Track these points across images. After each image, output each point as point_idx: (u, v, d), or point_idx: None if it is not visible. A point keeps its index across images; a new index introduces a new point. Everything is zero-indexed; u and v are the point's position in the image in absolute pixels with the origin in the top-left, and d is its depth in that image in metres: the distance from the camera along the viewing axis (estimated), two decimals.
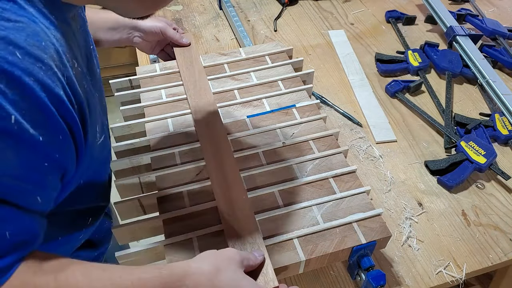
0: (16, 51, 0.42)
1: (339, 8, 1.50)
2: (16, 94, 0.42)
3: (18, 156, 0.44)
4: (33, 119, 0.44)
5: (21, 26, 0.44)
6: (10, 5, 0.44)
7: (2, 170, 0.43)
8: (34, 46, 0.44)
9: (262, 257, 0.61)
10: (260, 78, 0.94)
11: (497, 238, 0.86)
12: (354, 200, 0.72)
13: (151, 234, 0.72)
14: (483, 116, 1.11)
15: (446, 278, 0.79)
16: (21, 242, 0.47)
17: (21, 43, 0.43)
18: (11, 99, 0.41)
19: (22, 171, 0.45)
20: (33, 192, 0.47)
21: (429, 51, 1.25)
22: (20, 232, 0.47)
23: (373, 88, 1.17)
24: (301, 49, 1.31)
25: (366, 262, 0.68)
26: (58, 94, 0.47)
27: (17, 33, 0.43)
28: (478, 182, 0.96)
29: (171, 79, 0.93)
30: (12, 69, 0.41)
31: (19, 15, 0.44)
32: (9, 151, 0.43)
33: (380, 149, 1.02)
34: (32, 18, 0.46)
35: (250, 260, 0.59)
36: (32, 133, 0.44)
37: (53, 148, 0.47)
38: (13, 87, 0.41)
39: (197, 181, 0.74)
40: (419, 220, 0.88)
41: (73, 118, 0.50)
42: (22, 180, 0.45)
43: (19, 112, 0.42)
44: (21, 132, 0.42)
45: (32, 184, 0.47)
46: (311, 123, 0.85)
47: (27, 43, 0.44)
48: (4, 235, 0.45)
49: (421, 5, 1.50)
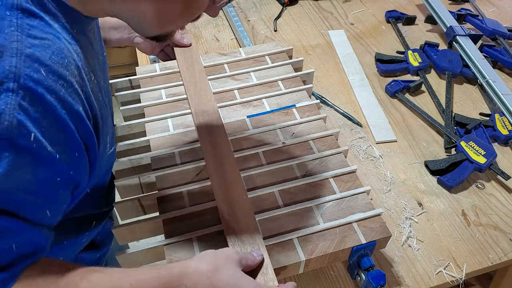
0: (41, 69, 0.43)
1: (339, 8, 1.50)
2: (38, 112, 0.43)
3: (34, 172, 0.44)
4: (53, 137, 0.44)
5: (46, 44, 0.45)
6: (37, 22, 0.45)
7: (16, 184, 0.43)
8: (58, 63, 0.45)
9: (261, 257, 0.61)
10: (260, 78, 0.94)
11: (497, 238, 0.86)
12: (354, 200, 0.72)
13: (151, 234, 0.71)
14: (483, 116, 1.11)
15: (446, 278, 0.79)
16: (27, 254, 0.47)
17: (46, 61, 0.44)
18: (32, 117, 0.42)
19: (35, 186, 0.45)
20: (43, 206, 0.48)
21: (429, 51, 1.25)
22: (26, 245, 0.47)
23: (373, 88, 1.17)
24: (301, 49, 1.31)
25: (366, 262, 0.68)
26: (78, 111, 0.48)
27: (43, 51, 0.44)
28: (478, 182, 0.96)
29: (171, 79, 0.93)
30: (36, 87, 0.42)
31: (45, 32, 0.45)
32: (26, 167, 0.43)
33: (380, 149, 1.02)
34: (57, 34, 0.47)
35: (249, 259, 0.59)
36: (50, 150, 0.44)
37: (68, 165, 0.48)
38: (36, 104, 0.42)
39: (197, 181, 0.74)
40: (419, 220, 0.88)
41: (90, 133, 0.51)
42: (34, 194, 0.46)
43: (39, 129, 0.43)
44: (39, 150, 0.43)
45: (43, 198, 0.47)
46: (311, 123, 0.85)
47: (51, 60, 0.44)
48: (11, 248, 0.45)
49: (421, 5, 1.50)
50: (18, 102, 0.41)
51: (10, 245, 0.45)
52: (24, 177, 0.43)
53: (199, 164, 0.77)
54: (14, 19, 0.43)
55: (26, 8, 0.44)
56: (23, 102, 0.41)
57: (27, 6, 0.44)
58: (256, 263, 0.60)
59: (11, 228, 0.45)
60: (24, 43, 0.43)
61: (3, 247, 0.45)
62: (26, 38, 0.43)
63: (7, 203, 0.44)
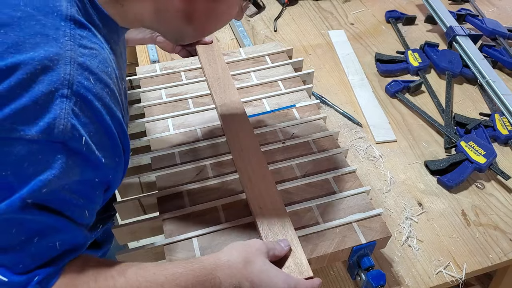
0: (90, 77, 0.46)
1: (339, 8, 1.50)
2: (87, 117, 0.45)
3: (82, 174, 0.47)
4: (99, 142, 0.47)
5: (94, 53, 0.48)
6: (86, 33, 0.48)
7: (64, 185, 0.45)
8: (104, 72, 0.48)
9: (288, 247, 0.62)
10: (260, 78, 0.94)
11: (497, 238, 0.86)
12: (354, 200, 0.72)
13: (151, 234, 0.72)
14: (483, 116, 1.11)
15: (446, 278, 0.79)
16: (68, 251, 0.49)
17: (94, 70, 0.47)
18: (82, 122, 0.45)
19: (79, 187, 0.48)
20: (83, 206, 0.50)
21: (429, 51, 1.25)
22: (68, 243, 0.49)
23: (373, 88, 1.17)
24: (301, 49, 1.31)
25: (366, 262, 0.68)
26: (119, 118, 0.50)
27: (92, 60, 0.47)
28: (478, 182, 0.96)
29: (171, 79, 0.93)
30: (87, 93, 0.45)
31: (93, 42, 0.48)
32: (75, 169, 0.46)
33: (380, 149, 1.02)
34: (101, 44, 0.50)
35: (276, 250, 0.61)
36: (97, 154, 0.47)
37: (109, 169, 0.50)
38: (85, 110, 0.45)
39: (197, 181, 0.75)
40: (419, 220, 0.88)
41: (127, 138, 0.54)
42: (77, 195, 0.48)
43: (88, 134, 0.45)
44: (88, 153, 0.46)
45: (84, 199, 0.49)
46: (311, 123, 0.85)
47: (99, 69, 0.47)
48: (55, 245, 0.48)
49: (421, 5, 1.50)
50: (71, 108, 0.44)
51: (55, 243, 0.47)
52: (71, 178, 0.46)
53: (199, 164, 0.77)
54: (68, 30, 0.46)
55: (77, 20, 0.47)
56: (75, 108, 0.44)
57: (78, 18, 0.47)
58: (284, 253, 0.62)
59: (57, 226, 0.47)
60: (76, 52, 0.45)
61: (48, 245, 0.47)
62: (77, 48, 0.46)
63: (55, 202, 0.46)
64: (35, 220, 0.45)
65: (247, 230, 0.68)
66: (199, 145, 0.80)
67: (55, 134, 0.43)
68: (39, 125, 0.42)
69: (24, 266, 0.46)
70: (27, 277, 0.46)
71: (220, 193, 0.73)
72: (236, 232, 0.68)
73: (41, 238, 0.46)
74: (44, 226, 0.46)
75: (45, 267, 0.47)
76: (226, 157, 0.78)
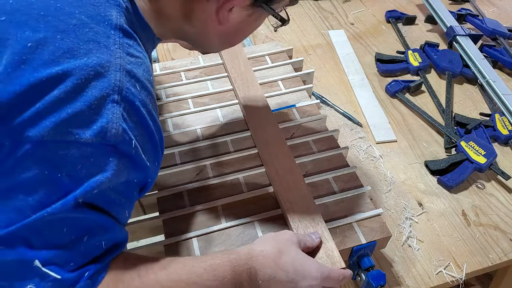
0: (137, 84, 0.48)
1: (339, 8, 1.50)
2: (133, 122, 0.47)
3: (128, 176, 0.49)
4: (143, 145, 0.49)
5: (139, 62, 0.50)
6: (132, 42, 0.50)
7: (111, 185, 0.47)
8: (147, 80, 0.50)
9: (319, 239, 0.64)
10: (260, 78, 0.94)
11: (497, 238, 0.86)
12: (354, 200, 0.72)
13: (151, 234, 0.72)
14: (483, 116, 1.11)
15: (446, 278, 0.79)
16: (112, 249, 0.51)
17: (140, 77, 0.49)
18: (130, 126, 0.47)
19: (124, 188, 0.50)
20: (125, 206, 0.52)
21: (429, 51, 1.25)
22: (113, 240, 0.51)
23: (373, 88, 1.17)
24: (301, 49, 1.31)
25: (366, 262, 0.68)
26: (159, 125, 0.53)
27: (138, 68, 0.49)
28: (478, 182, 0.96)
29: (171, 79, 0.93)
30: (134, 99, 0.47)
31: (138, 51, 0.51)
32: (124, 171, 0.48)
33: (380, 149, 1.02)
34: (144, 54, 0.52)
35: (307, 241, 0.62)
36: (143, 158, 0.49)
37: (150, 173, 0.52)
38: (132, 115, 0.47)
39: (197, 181, 0.75)
40: (419, 220, 0.88)
41: (163, 144, 0.55)
42: (122, 195, 0.50)
43: (135, 138, 0.47)
44: (136, 156, 0.48)
45: (126, 199, 0.51)
46: (311, 123, 0.85)
47: (143, 77, 0.50)
48: (101, 244, 0.49)
49: (421, 5, 1.50)
50: (121, 112, 0.46)
51: (101, 241, 0.49)
52: (119, 180, 0.48)
53: (199, 164, 0.77)
54: (117, 38, 0.48)
55: (125, 29, 0.49)
56: (124, 113, 0.46)
57: (125, 27, 0.49)
58: (315, 245, 0.63)
59: (105, 225, 0.49)
60: (124, 60, 0.47)
61: (95, 243, 0.49)
62: (126, 56, 0.48)
63: (103, 202, 0.48)
64: (86, 219, 0.47)
65: (248, 230, 0.68)
66: (199, 145, 0.80)
67: (108, 138, 0.44)
68: (93, 128, 0.44)
69: (75, 264, 0.47)
70: (78, 273, 0.47)
71: (220, 193, 0.73)
72: (237, 232, 0.68)
73: (90, 236, 0.48)
74: (93, 225, 0.48)
75: (93, 263, 0.49)
76: (227, 157, 0.78)
